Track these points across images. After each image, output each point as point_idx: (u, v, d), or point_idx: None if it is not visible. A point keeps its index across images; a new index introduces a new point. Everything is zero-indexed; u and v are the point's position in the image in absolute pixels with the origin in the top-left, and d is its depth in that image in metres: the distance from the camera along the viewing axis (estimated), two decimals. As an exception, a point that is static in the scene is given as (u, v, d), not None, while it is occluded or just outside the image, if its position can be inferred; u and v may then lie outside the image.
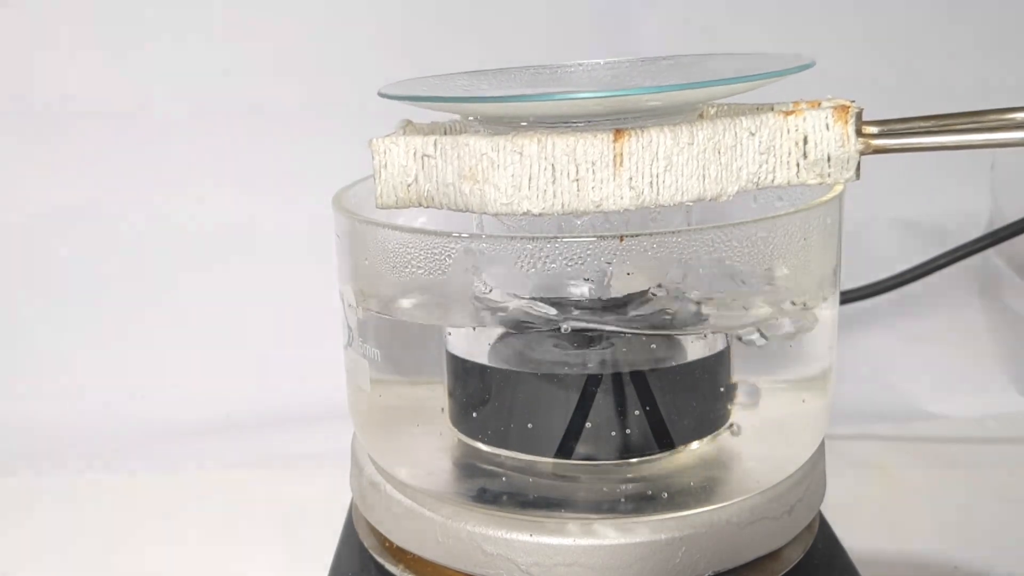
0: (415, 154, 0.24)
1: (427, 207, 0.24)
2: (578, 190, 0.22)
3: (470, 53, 0.55)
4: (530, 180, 0.22)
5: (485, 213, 0.23)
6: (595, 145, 0.22)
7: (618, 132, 0.22)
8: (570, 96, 0.23)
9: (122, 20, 0.55)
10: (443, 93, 0.27)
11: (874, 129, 0.22)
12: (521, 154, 0.22)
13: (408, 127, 0.27)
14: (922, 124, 0.22)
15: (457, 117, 0.29)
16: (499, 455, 0.27)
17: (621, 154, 0.22)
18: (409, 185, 0.24)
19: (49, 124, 0.56)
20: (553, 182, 0.22)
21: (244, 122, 0.56)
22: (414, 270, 0.25)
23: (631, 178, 0.22)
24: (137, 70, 0.56)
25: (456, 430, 0.28)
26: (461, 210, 0.23)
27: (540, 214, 0.22)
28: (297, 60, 0.56)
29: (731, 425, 0.27)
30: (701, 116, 0.28)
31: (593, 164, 0.22)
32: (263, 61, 0.56)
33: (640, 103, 0.24)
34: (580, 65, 0.26)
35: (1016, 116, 0.21)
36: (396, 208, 0.25)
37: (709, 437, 0.27)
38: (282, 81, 0.56)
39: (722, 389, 0.27)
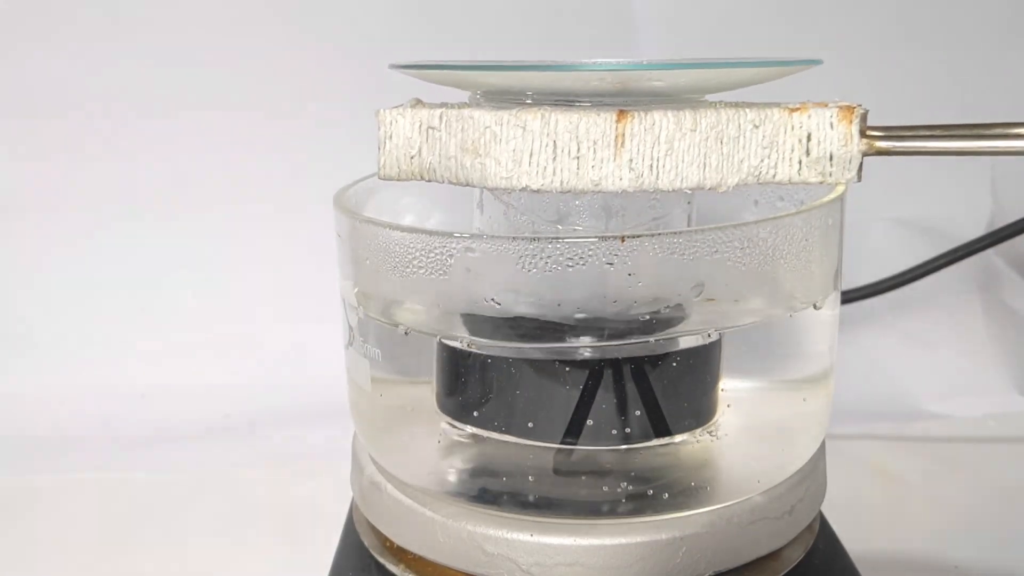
0: (420, 126, 0.24)
1: (428, 180, 0.24)
2: (578, 168, 0.22)
3: (473, 55, 0.55)
4: (531, 155, 0.22)
5: (484, 187, 0.23)
6: (598, 124, 0.22)
7: (621, 112, 0.22)
8: (576, 67, 0.23)
9: (116, 13, 0.55)
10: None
11: (878, 132, 0.22)
12: (524, 128, 0.22)
13: (417, 104, 0.27)
14: (926, 131, 0.22)
15: (466, 98, 0.29)
16: (499, 456, 0.27)
17: (623, 135, 0.22)
18: (412, 157, 0.24)
19: (46, 120, 0.56)
20: (554, 159, 0.22)
21: (244, 120, 0.56)
22: (415, 270, 0.25)
23: (631, 159, 0.22)
24: (136, 68, 0.56)
25: (442, 413, 0.28)
26: (461, 184, 0.23)
27: (539, 190, 0.22)
28: (301, 58, 0.56)
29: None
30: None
31: (595, 143, 0.22)
32: (265, 59, 0.56)
33: (644, 82, 0.24)
34: (593, 63, 0.26)
35: (1020, 131, 0.21)
36: (398, 180, 0.24)
37: (702, 429, 0.27)
38: (284, 80, 0.56)
39: (716, 383, 0.27)
